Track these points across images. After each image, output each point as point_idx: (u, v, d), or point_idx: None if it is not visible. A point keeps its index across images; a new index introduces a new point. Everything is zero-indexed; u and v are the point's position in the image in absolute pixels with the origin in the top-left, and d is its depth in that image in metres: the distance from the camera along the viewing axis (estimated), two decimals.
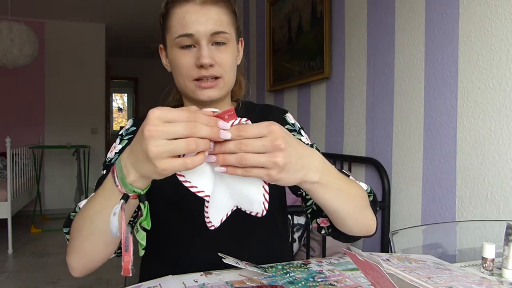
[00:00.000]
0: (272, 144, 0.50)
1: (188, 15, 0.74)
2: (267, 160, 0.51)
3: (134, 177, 0.53)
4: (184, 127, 0.48)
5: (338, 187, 0.62)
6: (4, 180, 4.00)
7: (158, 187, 0.85)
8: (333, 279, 0.72)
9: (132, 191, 0.55)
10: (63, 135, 5.12)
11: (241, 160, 0.51)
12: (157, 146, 0.47)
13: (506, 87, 1.23)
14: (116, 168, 0.56)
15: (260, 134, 0.51)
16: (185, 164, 0.49)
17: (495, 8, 1.25)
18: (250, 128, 0.51)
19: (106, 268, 0.66)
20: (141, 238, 0.55)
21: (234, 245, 0.83)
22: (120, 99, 10.41)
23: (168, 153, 0.48)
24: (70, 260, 0.68)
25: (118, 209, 0.53)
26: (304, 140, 0.88)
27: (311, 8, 2.34)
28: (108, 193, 0.59)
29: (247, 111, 0.92)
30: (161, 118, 0.48)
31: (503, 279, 0.75)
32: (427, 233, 1.17)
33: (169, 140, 0.48)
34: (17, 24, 3.55)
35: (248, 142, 0.50)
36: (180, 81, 0.79)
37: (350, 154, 2.04)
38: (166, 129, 0.48)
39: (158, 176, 0.51)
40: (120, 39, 6.02)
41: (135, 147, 0.52)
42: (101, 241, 0.64)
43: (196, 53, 0.75)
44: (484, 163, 1.30)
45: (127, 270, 0.54)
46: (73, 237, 0.67)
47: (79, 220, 0.66)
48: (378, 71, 1.83)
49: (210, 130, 0.49)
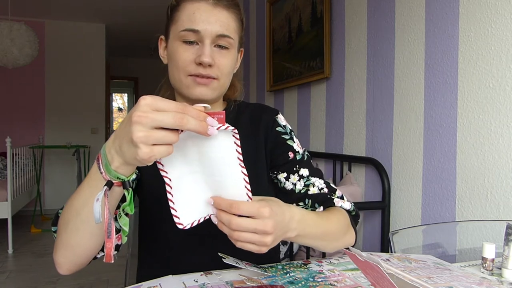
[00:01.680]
0: (263, 230, 0.56)
1: (199, 12, 0.75)
2: (258, 240, 0.56)
3: (118, 163, 0.54)
4: (172, 117, 0.48)
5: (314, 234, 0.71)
6: (4, 180, 4.00)
7: (151, 189, 0.85)
8: (333, 279, 0.72)
9: (116, 177, 0.55)
10: (63, 135, 5.12)
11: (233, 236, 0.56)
12: (142, 131, 0.48)
13: (506, 87, 1.23)
14: (101, 155, 0.56)
15: (251, 214, 0.55)
16: (168, 150, 0.50)
17: (495, 8, 1.25)
18: (242, 205, 0.55)
19: (106, 268, 0.67)
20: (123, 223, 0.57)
21: (231, 245, 0.83)
22: (120, 99, 10.42)
23: (154, 141, 0.49)
24: (57, 256, 0.67)
25: (101, 195, 0.54)
26: (296, 148, 0.87)
27: (311, 8, 2.34)
28: (92, 181, 0.59)
29: (239, 111, 0.92)
30: (151, 105, 0.49)
31: (503, 279, 0.75)
32: (427, 233, 1.17)
33: (155, 129, 0.49)
34: (17, 24, 3.55)
35: (239, 223, 0.55)
36: (175, 74, 0.78)
37: (350, 154, 2.04)
38: (154, 117, 0.48)
39: (141, 162, 0.52)
40: (120, 39, 6.02)
41: (120, 133, 0.53)
42: (86, 232, 0.63)
43: (198, 50, 0.75)
44: (484, 163, 1.30)
45: (109, 256, 0.55)
46: (60, 232, 0.67)
47: (65, 214, 0.65)
48: (378, 71, 1.83)
49: (198, 124, 0.50)
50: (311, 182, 0.84)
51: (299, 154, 0.87)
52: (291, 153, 0.86)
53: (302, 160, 0.86)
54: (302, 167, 0.85)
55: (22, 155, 4.02)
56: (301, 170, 0.85)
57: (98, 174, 0.57)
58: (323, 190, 0.84)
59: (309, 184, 0.83)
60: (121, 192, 0.59)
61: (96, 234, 0.64)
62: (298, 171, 0.85)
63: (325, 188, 0.84)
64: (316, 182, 0.84)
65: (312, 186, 0.83)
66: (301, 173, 0.85)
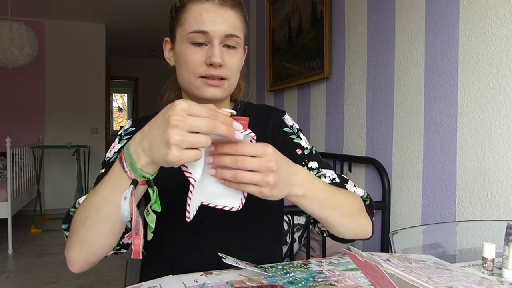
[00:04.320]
0: (266, 165, 0.55)
1: (206, 13, 0.75)
2: (260, 179, 0.55)
3: (144, 161, 0.55)
4: (206, 123, 0.51)
5: (323, 199, 0.67)
6: (4, 180, 4.00)
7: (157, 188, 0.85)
8: (333, 279, 0.72)
9: (142, 176, 0.57)
10: (63, 135, 5.12)
11: (236, 177, 0.55)
12: (179, 135, 0.50)
13: (506, 87, 1.23)
14: (124, 154, 0.58)
15: (255, 153, 0.55)
16: (197, 155, 0.52)
17: (495, 8, 1.25)
18: (247, 146, 0.55)
19: (106, 268, 0.67)
20: (151, 220, 0.58)
21: (232, 244, 0.83)
22: (120, 99, 10.42)
23: (188, 144, 0.51)
24: (71, 254, 0.68)
25: (128, 193, 0.56)
26: (303, 144, 0.88)
27: (311, 8, 2.34)
28: (115, 181, 0.60)
29: (245, 111, 0.92)
30: (187, 110, 0.51)
31: (503, 279, 0.75)
32: (427, 233, 1.17)
33: (190, 132, 0.51)
34: (17, 24, 3.55)
35: (244, 160, 0.55)
36: (185, 76, 0.79)
37: (350, 154, 2.04)
38: (190, 122, 0.51)
39: (168, 164, 0.53)
40: (120, 39, 6.02)
41: (151, 133, 0.54)
42: (106, 230, 0.64)
43: (207, 51, 0.76)
44: (484, 163, 1.30)
45: (137, 252, 0.56)
46: (75, 230, 0.67)
47: (82, 212, 0.66)
48: (378, 71, 1.83)
49: (227, 129, 0.53)
50: (322, 173, 0.82)
51: (307, 150, 0.87)
52: (299, 150, 0.86)
53: (310, 154, 0.86)
54: (311, 160, 0.85)
55: (22, 155, 4.02)
56: (310, 163, 0.84)
57: (121, 173, 0.58)
58: (335, 180, 0.81)
59: (320, 175, 0.82)
60: (143, 190, 0.60)
61: (114, 232, 0.65)
62: (307, 164, 0.84)
63: (337, 179, 0.82)
64: (327, 173, 0.82)
65: (323, 177, 0.81)
66: (311, 166, 0.84)
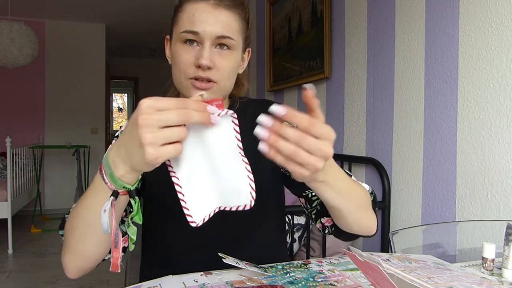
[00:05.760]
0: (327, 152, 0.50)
1: (198, 13, 0.74)
2: (313, 163, 0.50)
3: (123, 171, 0.54)
4: (176, 114, 0.49)
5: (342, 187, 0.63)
6: (4, 180, 4.00)
7: (153, 191, 0.85)
8: (333, 279, 0.72)
9: (122, 187, 0.55)
10: (63, 135, 5.12)
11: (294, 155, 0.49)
12: (152, 133, 0.48)
13: (506, 87, 1.23)
14: (103, 165, 0.56)
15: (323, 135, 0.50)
16: (177, 149, 0.50)
17: (495, 8, 1.25)
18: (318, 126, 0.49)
19: (106, 268, 0.67)
20: (132, 232, 0.56)
21: (231, 246, 0.83)
22: (120, 99, 10.41)
23: (163, 140, 0.49)
24: (65, 261, 0.68)
25: (108, 206, 0.54)
26: None
27: (311, 8, 2.34)
28: (97, 191, 0.59)
29: (243, 107, 0.91)
30: (153, 107, 0.49)
31: (503, 279, 0.75)
32: (427, 233, 1.17)
33: (162, 128, 0.49)
34: (17, 24, 3.54)
35: (310, 141, 0.49)
36: (176, 76, 0.78)
37: (350, 154, 2.04)
38: (159, 117, 0.49)
39: (149, 166, 0.51)
40: (120, 39, 6.02)
41: (124, 140, 0.52)
42: (93, 240, 0.64)
43: (198, 52, 0.74)
44: (484, 163, 1.30)
45: (115, 265, 0.54)
46: (67, 237, 0.67)
47: (71, 221, 0.66)
48: (378, 71, 1.83)
49: (201, 115, 0.51)
50: None
51: None
52: None
53: None
54: None
55: (22, 155, 4.02)
56: None
57: (102, 184, 0.56)
58: None
59: None
60: (125, 200, 0.59)
61: (103, 241, 0.64)
62: None
63: None
64: None
65: None
66: None
